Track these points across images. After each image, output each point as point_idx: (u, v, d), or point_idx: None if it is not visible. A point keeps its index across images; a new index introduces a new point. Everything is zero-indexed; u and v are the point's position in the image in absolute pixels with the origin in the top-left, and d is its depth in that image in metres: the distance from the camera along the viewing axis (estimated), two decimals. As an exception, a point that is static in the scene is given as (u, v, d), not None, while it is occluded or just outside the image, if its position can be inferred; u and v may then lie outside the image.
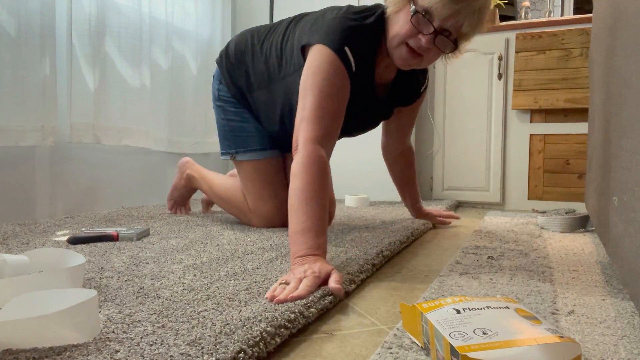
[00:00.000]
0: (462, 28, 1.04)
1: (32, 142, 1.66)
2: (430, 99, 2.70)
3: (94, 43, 1.88)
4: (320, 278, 0.83)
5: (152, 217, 1.80)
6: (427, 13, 1.02)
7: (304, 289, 0.77)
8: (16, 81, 1.61)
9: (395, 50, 1.10)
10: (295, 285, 0.79)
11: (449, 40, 1.07)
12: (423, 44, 1.05)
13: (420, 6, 1.03)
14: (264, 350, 0.60)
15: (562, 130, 2.40)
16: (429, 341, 0.59)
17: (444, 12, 1.01)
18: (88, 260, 1.06)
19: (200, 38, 2.56)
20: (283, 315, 0.68)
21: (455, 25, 1.04)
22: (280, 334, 0.64)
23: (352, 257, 1.09)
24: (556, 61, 2.36)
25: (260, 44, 1.42)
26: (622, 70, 0.84)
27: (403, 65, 1.13)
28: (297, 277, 0.81)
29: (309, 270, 0.83)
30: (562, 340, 0.52)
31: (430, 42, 1.04)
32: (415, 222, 1.67)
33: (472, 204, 2.63)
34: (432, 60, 1.13)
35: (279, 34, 1.36)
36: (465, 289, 0.92)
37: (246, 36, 1.49)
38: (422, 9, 1.02)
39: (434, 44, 1.05)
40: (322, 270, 0.84)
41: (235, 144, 1.52)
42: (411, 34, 1.06)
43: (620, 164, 0.80)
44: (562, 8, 3.42)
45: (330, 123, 1.03)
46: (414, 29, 1.04)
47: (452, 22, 1.03)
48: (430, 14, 1.02)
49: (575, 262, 1.17)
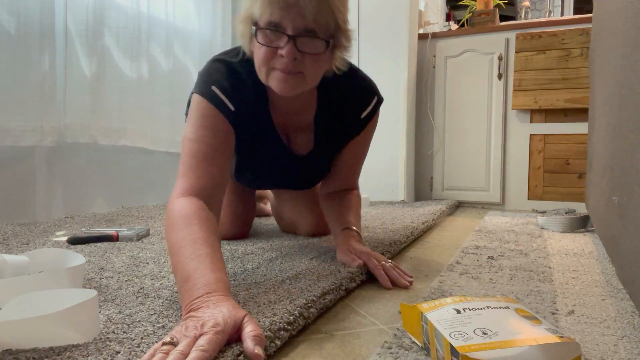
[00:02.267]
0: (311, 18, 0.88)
1: (31, 142, 1.66)
2: (430, 99, 2.70)
3: (91, 43, 1.88)
4: (226, 333, 0.58)
5: (152, 217, 1.80)
6: (268, 24, 0.89)
7: (199, 356, 0.53)
8: (15, 81, 1.61)
9: (270, 81, 0.94)
10: (184, 350, 0.54)
11: (312, 38, 0.90)
12: (285, 56, 0.88)
13: (259, 25, 0.90)
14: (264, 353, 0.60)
15: (562, 130, 2.40)
16: (429, 341, 0.59)
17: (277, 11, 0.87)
18: (88, 261, 1.06)
19: (200, 38, 2.56)
20: (282, 319, 0.68)
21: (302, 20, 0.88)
22: (280, 337, 0.64)
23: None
24: (556, 61, 2.36)
25: None
26: (622, 70, 0.84)
27: (286, 91, 0.93)
28: (190, 335, 0.56)
29: (208, 323, 0.58)
30: (562, 340, 0.52)
31: (292, 50, 0.88)
32: (415, 222, 1.67)
33: (472, 204, 2.63)
34: (316, 70, 0.94)
35: None
36: (465, 289, 0.92)
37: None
38: (261, 24, 0.90)
39: (298, 50, 0.89)
40: (228, 320, 0.59)
41: None
42: (270, 54, 0.91)
43: (620, 164, 0.80)
44: (562, 8, 3.42)
45: (203, 167, 0.90)
46: (269, 49, 0.90)
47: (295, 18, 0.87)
48: (272, 23, 0.88)
49: (575, 262, 1.17)
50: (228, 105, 0.98)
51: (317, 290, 0.81)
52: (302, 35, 0.89)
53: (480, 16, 2.72)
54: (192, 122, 0.96)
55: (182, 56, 2.44)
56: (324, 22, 0.91)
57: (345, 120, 1.13)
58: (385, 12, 2.53)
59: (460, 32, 2.65)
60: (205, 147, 0.92)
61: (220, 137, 0.95)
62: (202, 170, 0.90)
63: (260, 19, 0.90)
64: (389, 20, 2.52)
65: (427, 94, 2.70)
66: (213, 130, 0.94)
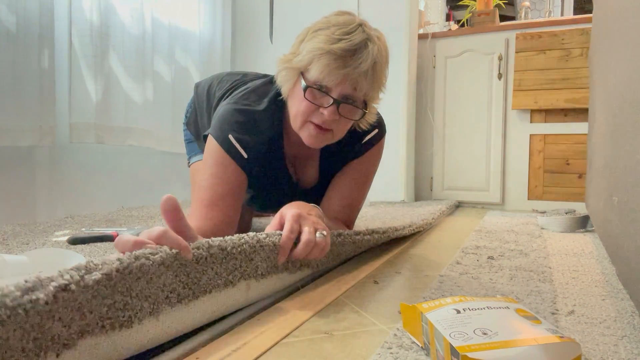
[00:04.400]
0: (359, 90, 0.95)
1: (30, 142, 1.66)
2: (430, 99, 2.70)
3: (95, 43, 1.89)
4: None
5: (152, 217, 1.80)
6: (319, 85, 0.93)
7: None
8: (14, 81, 1.61)
9: (302, 131, 0.99)
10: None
11: (354, 106, 0.97)
12: (326, 117, 0.94)
13: (309, 80, 0.94)
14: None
15: (562, 130, 2.40)
16: (429, 341, 0.59)
17: (333, 79, 0.92)
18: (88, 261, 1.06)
19: (200, 38, 2.56)
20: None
21: (352, 90, 0.94)
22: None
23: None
24: (556, 61, 2.36)
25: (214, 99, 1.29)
26: (622, 70, 0.84)
27: (314, 144, 0.99)
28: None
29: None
30: (562, 340, 0.52)
31: (334, 113, 0.94)
32: (415, 221, 1.67)
33: (472, 204, 2.63)
34: (343, 131, 1.02)
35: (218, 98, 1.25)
36: (465, 289, 0.92)
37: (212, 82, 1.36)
38: (312, 82, 0.94)
39: (339, 114, 0.95)
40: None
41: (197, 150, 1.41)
42: (311, 109, 0.95)
43: (620, 164, 0.80)
44: (562, 8, 3.42)
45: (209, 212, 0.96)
46: (312, 105, 0.95)
47: (346, 88, 0.94)
48: (323, 85, 0.93)
49: (575, 262, 1.17)
50: (242, 154, 1.02)
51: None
52: (345, 102, 0.95)
53: (480, 16, 2.72)
54: (205, 168, 1.01)
55: (181, 55, 2.44)
56: (367, 93, 0.97)
57: (347, 146, 1.14)
58: (385, 12, 2.53)
59: (460, 32, 2.65)
60: (213, 194, 0.98)
61: (230, 184, 1.00)
62: (209, 214, 0.95)
63: (314, 77, 0.93)
64: (389, 20, 2.52)
65: (427, 94, 2.70)
66: (223, 179, 1.00)
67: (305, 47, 0.94)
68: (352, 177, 1.16)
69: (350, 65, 0.91)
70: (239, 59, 2.90)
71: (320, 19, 0.98)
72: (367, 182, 1.20)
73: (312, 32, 0.95)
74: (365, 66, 0.91)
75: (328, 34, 0.92)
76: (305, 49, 0.94)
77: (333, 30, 0.92)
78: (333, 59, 0.90)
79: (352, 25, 0.94)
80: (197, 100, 1.39)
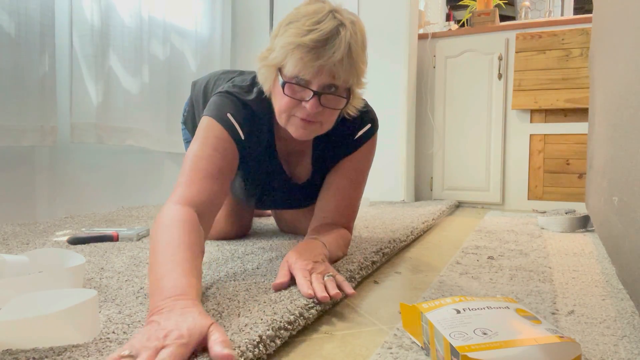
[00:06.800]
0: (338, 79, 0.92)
1: (31, 142, 1.66)
2: (430, 99, 2.70)
3: (96, 43, 1.89)
4: (190, 345, 0.54)
5: (152, 217, 1.80)
6: (297, 79, 0.92)
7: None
8: (16, 81, 1.61)
9: (288, 126, 0.98)
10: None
11: (337, 95, 0.94)
12: (309, 110, 0.92)
13: (286, 75, 0.92)
14: (263, 352, 0.60)
15: (562, 130, 2.40)
16: (429, 341, 0.59)
17: (309, 72, 0.90)
18: (88, 261, 1.06)
19: (200, 38, 2.56)
20: (282, 318, 0.68)
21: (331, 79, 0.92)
22: (280, 336, 0.64)
23: (351, 255, 1.09)
24: (556, 61, 2.36)
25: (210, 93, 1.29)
26: (622, 70, 0.84)
27: (303, 137, 0.98)
28: (151, 346, 0.52)
29: (172, 334, 0.54)
30: (562, 340, 0.52)
31: (316, 105, 0.92)
32: (415, 221, 1.67)
33: (472, 204, 2.63)
34: (331, 121, 1.00)
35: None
36: (465, 289, 0.92)
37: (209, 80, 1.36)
38: (290, 78, 0.92)
39: (321, 105, 0.93)
40: (193, 330, 0.55)
41: None
42: (292, 104, 0.94)
43: (620, 164, 0.80)
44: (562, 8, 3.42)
45: (206, 184, 0.91)
46: (292, 100, 0.93)
47: (325, 78, 0.91)
48: (300, 79, 0.92)
49: (575, 262, 1.17)
50: (239, 132, 1.01)
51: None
52: (326, 92, 0.93)
53: (480, 16, 2.72)
54: (202, 140, 0.98)
55: (181, 53, 2.44)
56: (348, 80, 0.94)
57: (339, 141, 1.13)
58: (385, 12, 2.53)
59: (460, 32, 2.65)
60: (211, 165, 0.94)
61: (227, 160, 0.98)
62: (203, 186, 0.91)
63: (290, 72, 0.91)
64: (389, 20, 2.52)
65: (427, 94, 2.70)
66: (221, 152, 0.97)
67: (279, 43, 0.92)
68: (347, 176, 1.14)
69: (324, 55, 0.88)
70: (239, 58, 2.90)
71: (292, 11, 0.96)
72: (362, 181, 1.18)
73: (284, 26, 0.94)
74: (340, 54, 0.89)
75: (298, 26, 0.90)
76: (278, 45, 0.92)
77: (303, 22, 0.90)
78: (305, 52, 0.88)
79: (322, 13, 0.91)
80: (194, 98, 1.41)
